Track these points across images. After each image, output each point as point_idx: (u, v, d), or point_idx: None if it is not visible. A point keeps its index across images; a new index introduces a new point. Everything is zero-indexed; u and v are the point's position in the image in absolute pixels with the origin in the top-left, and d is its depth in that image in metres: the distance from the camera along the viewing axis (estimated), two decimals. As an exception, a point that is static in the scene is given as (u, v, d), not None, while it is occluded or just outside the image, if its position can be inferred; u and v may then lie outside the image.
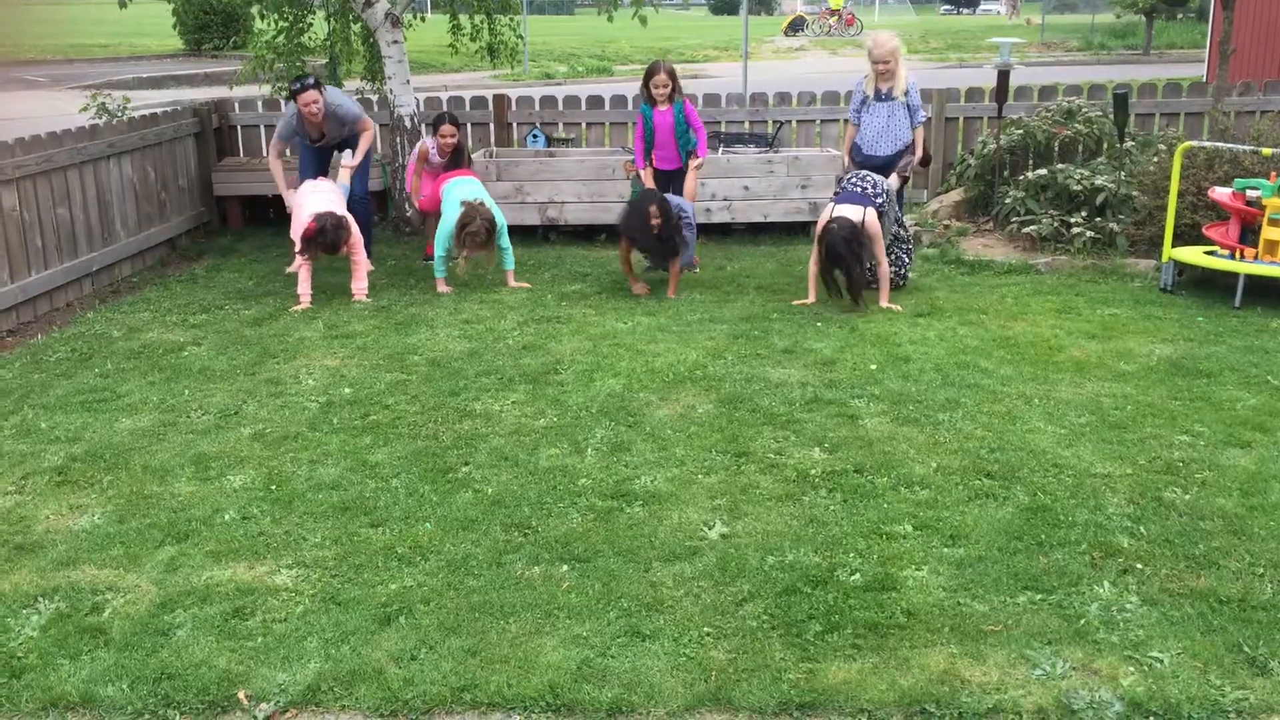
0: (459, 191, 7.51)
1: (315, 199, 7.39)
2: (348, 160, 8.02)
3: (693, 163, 7.79)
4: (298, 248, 7.23)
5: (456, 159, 8.10)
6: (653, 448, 4.82)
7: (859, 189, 6.92)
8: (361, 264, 7.44)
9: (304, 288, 7.30)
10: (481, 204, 7.30)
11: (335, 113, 7.96)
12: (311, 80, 7.89)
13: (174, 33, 27.73)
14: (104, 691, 3.22)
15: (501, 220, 7.39)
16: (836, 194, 7.10)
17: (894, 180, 7.26)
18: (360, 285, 7.40)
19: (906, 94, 7.37)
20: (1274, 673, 3.19)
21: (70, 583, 3.80)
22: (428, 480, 4.54)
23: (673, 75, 7.75)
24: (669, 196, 7.34)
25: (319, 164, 8.20)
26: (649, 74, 7.78)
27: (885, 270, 6.93)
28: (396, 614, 3.56)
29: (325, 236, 7.10)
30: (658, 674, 3.24)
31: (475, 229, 7.19)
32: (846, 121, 9.88)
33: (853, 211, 6.73)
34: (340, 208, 7.38)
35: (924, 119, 7.58)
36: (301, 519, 4.24)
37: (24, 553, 4.02)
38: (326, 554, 3.97)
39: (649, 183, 7.75)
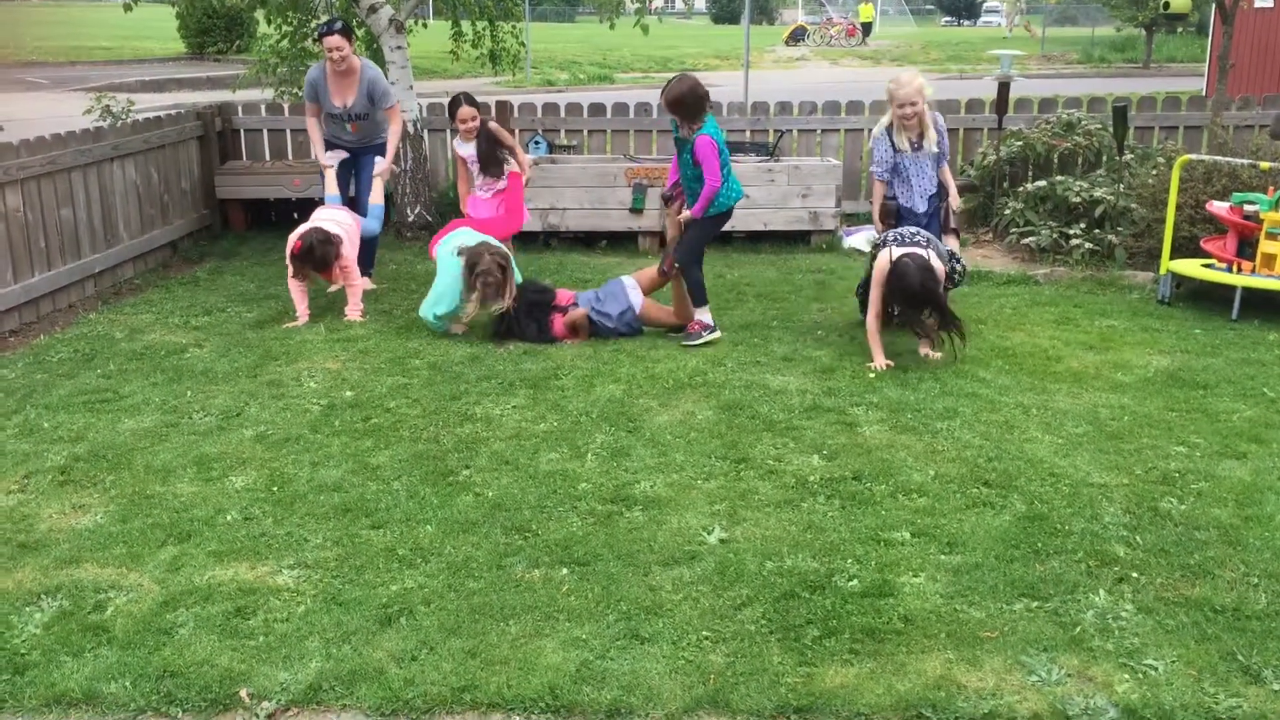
0: (452, 244, 6.62)
1: (321, 215, 7.17)
2: (380, 168, 7.54)
3: (672, 211, 6.49)
4: (290, 269, 6.97)
5: (490, 148, 7.23)
6: (652, 453, 4.84)
7: (912, 239, 5.99)
8: (356, 285, 7.11)
9: (300, 307, 7.04)
10: (486, 242, 6.55)
11: (371, 84, 7.46)
12: (340, 24, 7.34)
13: (177, 36, 27.83)
14: (107, 688, 3.24)
15: (512, 259, 6.62)
16: (881, 244, 6.12)
17: (953, 242, 6.60)
18: (353, 305, 7.10)
19: (938, 142, 6.51)
20: (1267, 681, 3.22)
21: (73, 581, 3.83)
22: (429, 483, 4.57)
23: (677, 104, 6.18)
24: (592, 299, 6.56)
25: (342, 175, 7.66)
26: None
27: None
28: (397, 615, 3.58)
29: (312, 255, 6.81)
30: (656, 676, 3.26)
31: (486, 266, 6.29)
32: (849, 131, 10.01)
33: (935, 260, 5.88)
34: (343, 232, 6.98)
35: (948, 155, 6.80)
36: (303, 520, 4.26)
37: (27, 551, 4.05)
38: (328, 555, 3.99)
39: (673, 226, 6.64)
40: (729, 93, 17.06)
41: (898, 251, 5.88)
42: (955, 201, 6.79)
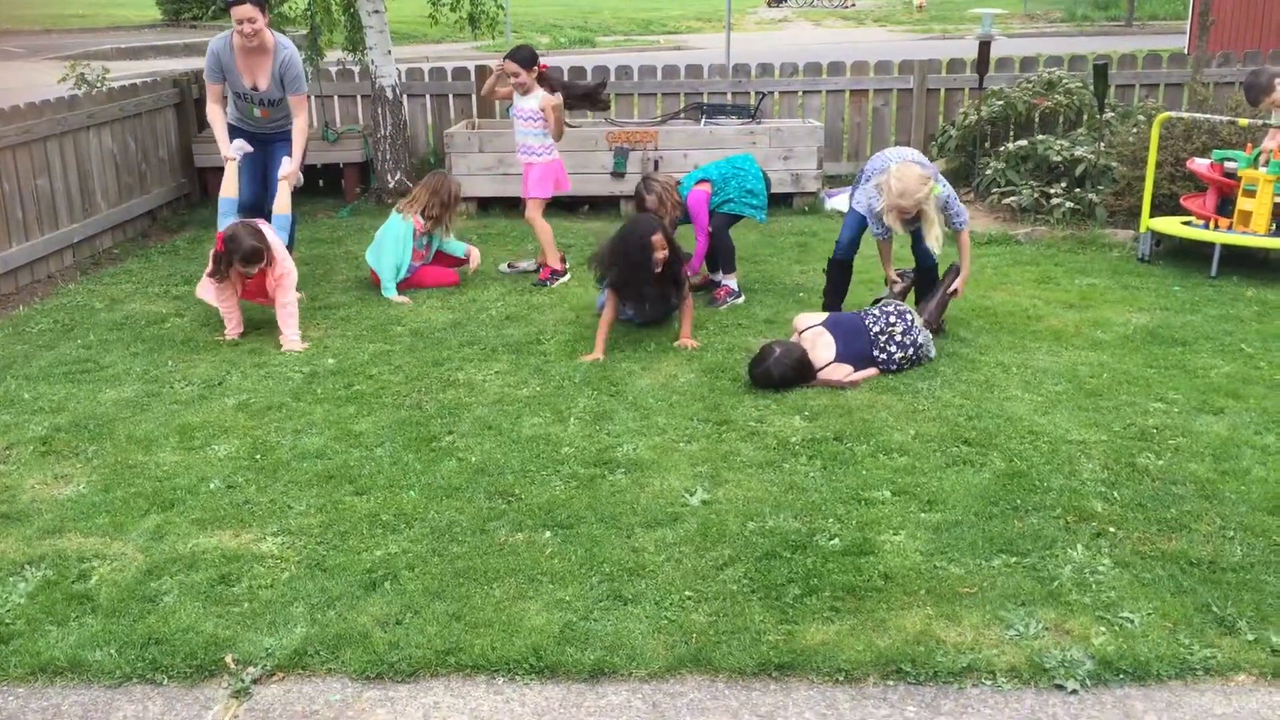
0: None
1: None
2: (285, 169, 6.44)
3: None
4: (208, 268, 6.00)
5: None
6: (635, 416, 4.86)
7: (872, 330, 5.32)
8: (290, 305, 5.96)
9: (231, 320, 6.05)
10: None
11: (284, 66, 6.39)
12: None
13: (152, 3, 27.48)
14: (92, 656, 3.25)
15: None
16: (826, 320, 5.43)
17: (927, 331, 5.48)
18: (289, 333, 5.93)
19: (950, 221, 5.70)
20: (1241, 632, 3.26)
21: (57, 551, 3.83)
22: (411, 449, 4.58)
23: (657, 194, 6.53)
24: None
25: (251, 167, 6.60)
26: None
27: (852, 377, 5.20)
28: (381, 579, 3.60)
29: (238, 245, 5.74)
30: (639, 636, 3.29)
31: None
32: (830, 93, 9.96)
33: (826, 349, 5.23)
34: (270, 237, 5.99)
35: (967, 220, 5.82)
36: (286, 487, 4.27)
37: (10, 521, 4.05)
38: (311, 521, 4.00)
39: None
40: (711, 55, 16.95)
41: (810, 335, 5.29)
42: (962, 281, 5.81)
